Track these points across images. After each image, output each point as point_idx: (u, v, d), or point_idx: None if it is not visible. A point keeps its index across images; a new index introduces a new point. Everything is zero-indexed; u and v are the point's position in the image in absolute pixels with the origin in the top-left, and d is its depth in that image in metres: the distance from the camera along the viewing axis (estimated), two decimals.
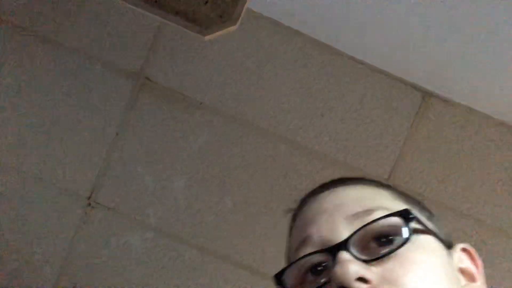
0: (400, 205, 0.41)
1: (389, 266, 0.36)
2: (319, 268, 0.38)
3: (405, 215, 0.38)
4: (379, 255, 0.37)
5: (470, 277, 0.43)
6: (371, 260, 0.36)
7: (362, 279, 0.35)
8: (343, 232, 0.38)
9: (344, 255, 0.36)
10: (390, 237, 0.37)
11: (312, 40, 1.02)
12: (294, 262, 0.40)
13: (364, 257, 0.36)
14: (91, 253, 1.03)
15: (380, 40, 0.99)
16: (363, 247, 0.38)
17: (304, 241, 0.40)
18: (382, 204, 0.40)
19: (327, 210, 0.41)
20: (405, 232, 0.37)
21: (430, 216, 0.45)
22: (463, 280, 0.42)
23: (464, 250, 0.45)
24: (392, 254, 0.36)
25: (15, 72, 1.02)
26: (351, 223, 0.38)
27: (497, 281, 0.96)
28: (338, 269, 0.35)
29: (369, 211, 0.39)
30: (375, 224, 0.38)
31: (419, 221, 0.40)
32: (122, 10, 1.00)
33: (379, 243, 0.38)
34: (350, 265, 0.35)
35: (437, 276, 0.38)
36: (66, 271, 1.08)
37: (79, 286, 1.03)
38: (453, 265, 0.42)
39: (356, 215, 0.39)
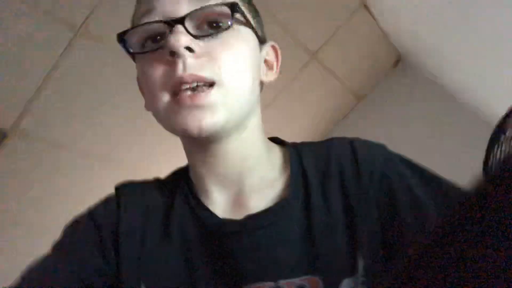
0: (236, 0, 0.49)
1: (212, 43, 0.47)
2: (158, 38, 0.48)
3: (233, 8, 0.47)
4: (206, 34, 0.47)
5: (270, 67, 0.57)
6: (200, 36, 0.46)
7: (189, 49, 0.45)
8: (183, 11, 0.47)
9: (179, 28, 0.45)
10: (218, 23, 0.47)
11: None
12: (137, 26, 0.49)
13: (195, 33, 0.46)
14: None
15: None
16: (196, 26, 0.47)
17: (148, 11, 0.48)
18: None
19: None
20: (230, 21, 0.47)
21: (255, 13, 0.54)
22: (264, 68, 0.55)
23: (272, 47, 0.57)
24: (217, 36, 0.47)
25: None
26: (191, 5, 0.47)
27: None
28: (172, 38, 0.44)
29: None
30: (209, 8, 0.47)
31: (243, 15, 0.49)
32: None
33: (209, 26, 0.47)
34: (182, 36, 0.44)
35: (246, 58, 0.49)
36: None
37: None
38: (261, 55, 0.54)
39: (197, 0, 0.47)
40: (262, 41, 0.54)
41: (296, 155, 0.54)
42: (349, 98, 2.39)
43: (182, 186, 0.55)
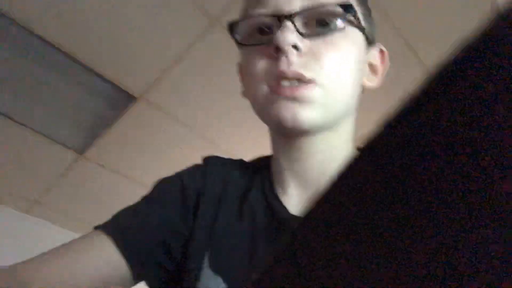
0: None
1: (318, 43, 0.46)
2: (266, 29, 0.48)
3: (347, 9, 0.46)
4: (315, 33, 0.46)
5: (374, 71, 0.54)
6: (308, 35, 0.45)
7: (295, 47, 0.44)
8: (296, 6, 0.46)
9: (288, 24, 0.44)
10: (329, 22, 0.46)
11: None
12: (248, 18, 0.49)
13: (303, 31, 0.45)
14: None
15: None
16: (306, 23, 0.46)
17: (259, 1, 0.48)
18: None
19: None
20: (341, 22, 0.46)
21: (367, 13, 0.52)
22: (368, 71, 0.53)
23: (380, 51, 0.55)
24: (325, 36, 0.46)
25: None
26: (304, 0, 0.46)
27: None
28: (280, 34, 0.44)
29: None
30: (322, 8, 0.45)
31: (355, 16, 0.47)
32: None
33: (318, 23, 0.46)
34: (290, 33, 0.44)
35: (350, 61, 0.47)
36: None
37: None
38: (366, 58, 0.52)
39: None
40: (370, 42, 0.52)
41: None
42: None
43: (262, 172, 0.56)
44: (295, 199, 0.52)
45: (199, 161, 0.60)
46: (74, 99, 1.80)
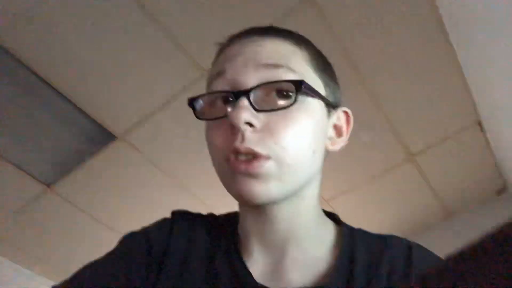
0: (306, 69, 0.50)
1: (274, 118, 0.46)
2: (230, 98, 0.48)
3: (300, 85, 0.46)
4: (270, 108, 0.46)
5: (339, 133, 0.54)
6: (263, 110, 0.46)
7: (249, 124, 0.45)
8: (251, 78, 0.47)
9: (243, 101, 0.46)
10: (283, 96, 0.47)
11: None
12: (206, 94, 0.51)
13: (257, 107, 0.46)
14: None
15: None
16: (261, 97, 0.47)
17: (219, 73, 0.50)
18: (290, 63, 0.48)
19: (245, 53, 0.49)
20: (293, 97, 0.46)
21: (329, 78, 0.53)
22: (332, 133, 0.53)
23: (345, 112, 0.55)
24: (281, 110, 0.46)
25: None
26: (259, 72, 0.48)
27: None
28: (233, 113, 0.45)
29: (277, 66, 0.48)
30: (275, 84, 0.47)
31: (311, 89, 0.48)
32: None
33: (274, 98, 0.47)
34: (243, 112, 0.45)
35: (308, 133, 0.47)
36: None
37: None
38: (329, 122, 0.52)
39: (266, 66, 0.48)
40: (333, 106, 0.53)
41: (350, 241, 0.53)
42: (437, 211, 2.26)
43: (229, 233, 0.56)
44: (260, 265, 0.51)
45: (172, 209, 0.59)
46: (51, 131, 1.78)
